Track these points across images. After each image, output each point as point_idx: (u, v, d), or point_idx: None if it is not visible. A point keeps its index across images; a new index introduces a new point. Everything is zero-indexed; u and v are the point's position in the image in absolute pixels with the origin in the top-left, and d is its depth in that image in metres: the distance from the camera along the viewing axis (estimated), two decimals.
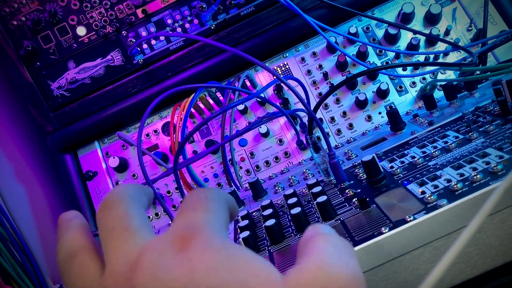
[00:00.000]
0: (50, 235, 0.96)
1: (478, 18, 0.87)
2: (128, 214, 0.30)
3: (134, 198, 0.32)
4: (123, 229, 0.29)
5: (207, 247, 0.26)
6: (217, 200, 0.32)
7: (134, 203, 0.31)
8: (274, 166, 0.88)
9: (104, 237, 0.29)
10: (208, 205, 0.30)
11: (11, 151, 0.95)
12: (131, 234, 0.29)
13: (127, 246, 0.28)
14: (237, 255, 0.26)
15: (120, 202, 0.31)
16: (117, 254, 0.28)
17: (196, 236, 0.27)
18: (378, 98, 0.88)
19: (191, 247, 0.26)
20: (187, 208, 0.30)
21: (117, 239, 0.28)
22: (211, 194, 0.32)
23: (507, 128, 0.53)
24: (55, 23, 0.90)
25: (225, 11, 0.90)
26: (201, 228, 0.28)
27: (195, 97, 0.81)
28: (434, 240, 0.44)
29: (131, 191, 0.32)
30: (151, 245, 0.27)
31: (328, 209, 0.52)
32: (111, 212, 0.30)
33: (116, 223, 0.29)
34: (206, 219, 0.29)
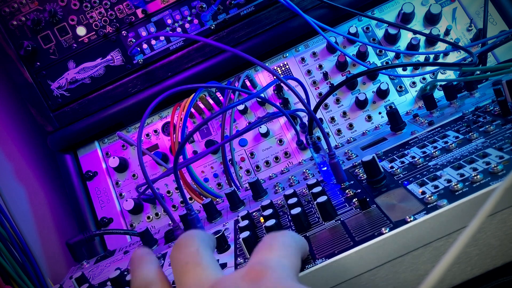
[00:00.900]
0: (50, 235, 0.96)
1: (478, 18, 0.87)
2: (199, 252, 0.33)
3: (204, 240, 0.35)
4: (196, 264, 0.32)
5: (276, 283, 0.29)
6: (293, 246, 0.35)
7: (204, 244, 0.35)
8: (274, 166, 0.88)
9: (177, 271, 0.32)
10: (284, 248, 0.34)
11: (11, 151, 0.95)
12: (203, 269, 0.32)
13: (200, 279, 0.31)
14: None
15: (193, 242, 0.34)
16: (190, 283, 0.31)
17: (268, 273, 0.29)
18: (378, 98, 0.88)
19: (262, 281, 0.29)
20: (263, 249, 0.33)
21: (190, 273, 0.31)
22: (288, 239, 0.35)
23: (507, 128, 0.53)
24: (55, 23, 0.90)
25: (225, 11, 0.90)
26: (274, 267, 0.30)
27: (195, 97, 0.81)
28: (434, 240, 0.44)
29: (201, 234, 0.36)
30: (224, 278, 0.30)
31: (328, 209, 0.52)
32: (184, 250, 0.33)
33: (189, 259, 0.33)
34: (280, 261, 0.32)
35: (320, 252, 0.46)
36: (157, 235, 0.74)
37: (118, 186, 0.93)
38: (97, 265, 0.74)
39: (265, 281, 0.28)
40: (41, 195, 0.98)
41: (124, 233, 0.84)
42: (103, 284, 0.64)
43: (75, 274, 0.63)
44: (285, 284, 0.29)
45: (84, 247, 0.79)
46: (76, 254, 0.77)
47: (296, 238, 0.37)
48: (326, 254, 0.45)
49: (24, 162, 0.98)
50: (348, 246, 0.45)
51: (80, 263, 0.76)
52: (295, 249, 0.35)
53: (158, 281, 0.33)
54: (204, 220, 0.70)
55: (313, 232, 0.51)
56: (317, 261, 0.45)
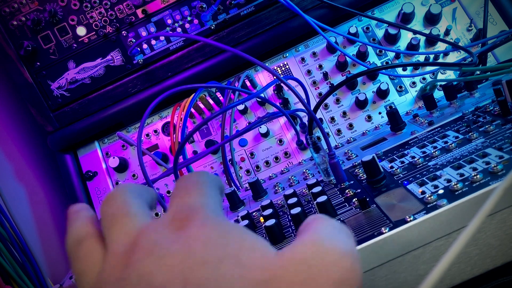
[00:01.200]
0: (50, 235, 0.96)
1: (478, 18, 0.87)
2: (127, 202, 0.31)
3: (134, 191, 0.33)
4: (123, 215, 0.30)
5: (203, 225, 0.27)
6: (209, 182, 0.33)
7: (133, 194, 0.33)
8: (274, 166, 0.88)
9: (105, 224, 0.31)
10: (202, 187, 0.32)
11: (11, 151, 0.95)
12: (130, 218, 0.30)
13: (126, 228, 0.29)
14: (232, 231, 0.27)
15: (121, 194, 0.32)
16: (117, 236, 0.29)
17: (193, 217, 0.28)
18: (378, 98, 0.88)
19: (187, 226, 0.27)
20: (181, 192, 0.31)
21: (117, 224, 0.30)
22: (202, 177, 0.33)
23: (507, 128, 0.53)
24: (55, 23, 0.90)
25: (225, 11, 0.90)
26: (198, 209, 0.29)
27: (195, 97, 0.81)
28: (434, 240, 0.44)
29: (132, 186, 0.34)
30: (149, 226, 0.29)
31: (328, 209, 0.52)
32: (111, 203, 0.32)
33: (116, 210, 0.31)
34: (202, 201, 0.30)
35: None
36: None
37: None
38: None
39: (192, 225, 0.27)
40: (41, 195, 0.98)
41: None
42: None
43: None
44: (212, 222, 0.27)
45: None
46: None
47: (209, 174, 0.35)
48: None
49: (24, 162, 0.98)
50: None
51: None
52: (211, 184, 0.33)
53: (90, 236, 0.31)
54: None
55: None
56: None
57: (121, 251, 0.28)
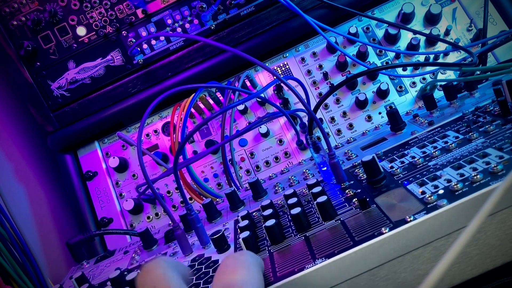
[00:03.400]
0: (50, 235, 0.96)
1: (478, 18, 0.87)
2: (166, 275, 0.33)
3: (171, 265, 0.35)
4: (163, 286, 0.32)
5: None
6: (253, 263, 0.36)
7: (171, 268, 0.35)
8: (274, 166, 0.88)
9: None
10: (245, 267, 0.35)
11: (11, 151, 0.95)
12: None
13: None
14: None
15: (159, 266, 0.34)
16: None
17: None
18: (378, 98, 0.88)
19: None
20: (226, 270, 0.34)
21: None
22: (248, 258, 0.36)
23: (507, 128, 0.53)
24: (55, 23, 0.90)
25: (225, 11, 0.90)
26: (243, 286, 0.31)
27: (195, 97, 0.81)
28: (434, 240, 0.44)
29: (170, 260, 0.37)
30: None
31: (328, 209, 0.52)
32: (151, 275, 0.34)
33: (156, 282, 0.33)
34: (245, 280, 0.33)
35: (320, 252, 0.46)
36: (157, 235, 0.74)
37: (118, 186, 0.93)
38: (97, 265, 0.74)
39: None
40: (41, 195, 0.98)
41: (124, 233, 0.84)
42: (103, 284, 0.64)
43: (75, 274, 0.63)
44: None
45: (84, 247, 0.79)
46: (76, 254, 0.77)
47: (253, 255, 0.37)
48: (326, 254, 0.45)
49: (24, 162, 0.98)
50: (348, 246, 0.45)
51: (80, 263, 0.76)
52: (256, 266, 0.36)
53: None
54: (204, 220, 0.70)
55: (313, 232, 0.51)
56: (317, 261, 0.45)
57: None
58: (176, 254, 0.63)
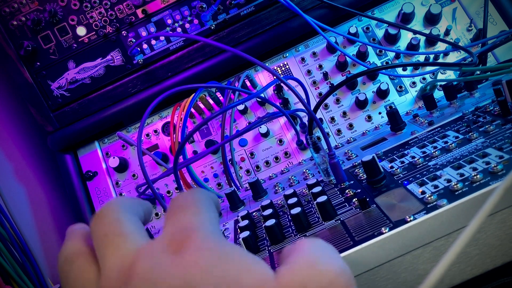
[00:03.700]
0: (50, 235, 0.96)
1: (478, 18, 0.87)
2: (119, 221, 0.30)
3: (126, 207, 0.32)
4: (115, 234, 0.29)
5: (200, 248, 0.27)
6: (205, 200, 0.32)
7: (126, 211, 0.31)
8: (274, 166, 0.88)
9: (97, 244, 0.30)
10: (197, 206, 0.31)
11: (11, 151, 0.95)
12: (124, 239, 0.29)
13: (120, 251, 0.28)
14: (230, 254, 0.27)
15: (112, 211, 0.31)
16: (111, 259, 0.28)
17: (189, 238, 0.27)
18: (378, 98, 0.88)
19: (185, 250, 0.27)
20: (176, 211, 0.30)
21: (110, 245, 0.29)
22: (198, 195, 0.32)
23: (507, 128, 0.53)
24: (55, 23, 0.90)
25: (225, 11, 0.90)
26: (194, 229, 0.28)
27: (195, 97, 0.81)
28: (434, 240, 0.44)
29: (124, 201, 0.33)
30: (145, 250, 0.28)
31: (328, 209, 0.52)
32: (103, 220, 0.30)
33: (108, 229, 0.30)
34: (198, 220, 0.29)
35: None
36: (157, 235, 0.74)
37: (118, 186, 0.93)
38: None
39: (188, 248, 0.27)
40: (41, 195, 0.98)
41: None
42: None
43: None
44: (209, 245, 0.27)
45: None
46: None
47: (203, 191, 0.33)
48: None
49: (24, 162, 0.98)
50: (348, 246, 0.45)
51: None
52: (206, 201, 0.32)
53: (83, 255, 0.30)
54: None
55: (313, 232, 0.51)
56: None
57: (116, 276, 0.27)
58: None
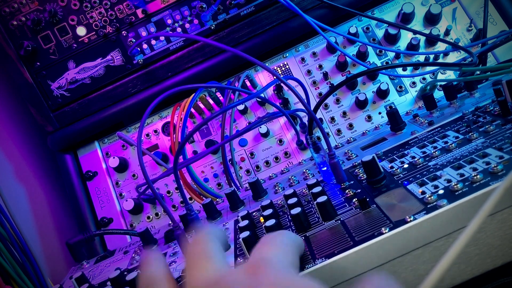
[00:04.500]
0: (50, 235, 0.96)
1: (478, 18, 0.87)
2: (213, 248, 0.37)
3: (215, 235, 0.39)
4: (206, 258, 0.36)
5: (274, 274, 0.32)
6: (289, 244, 0.39)
7: (215, 238, 0.39)
8: (274, 166, 0.88)
9: (188, 263, 0.36)
10: (281, 245, 0.38)
11: (11, 151, 0.95)
12: (212, 263, 0.35)
13: (207, 271, 0.34)
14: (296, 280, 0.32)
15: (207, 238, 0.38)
16: (198, 273, 0.34)
17: (266, 267, 0.33)
18: (378, 98, 0.88)
19: (260, 273, 0.32)
20: (263, 246, 0.37)
21: (200, 264, 0.35)
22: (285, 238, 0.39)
23: (507, 128, 0.53)
24: (55, 23, 0.90)
25: (225, 11, 0.90)
26: (272, 261, 0.34)
27: (195, 97, 0.81)
28: (434, 240, 0.44)
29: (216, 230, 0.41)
30: (228, 273, 0.34)
31: (328, 209, 0.52)
32: (199, 245, 0.37)
33: (199, 252, 0.36)
34: (277, 256, 0.35)
35: (320, 252, 0.46)
36: (157, 235, 0.74)
37: (118, 186, 0.93)
38: (97, 265, 0.74)
39: (264, 274, 0.31)
40: (41, 195, 0.98)
41: (124, 233, 0.84)
42: (103, 284, 0.64)
43: (75, 274, 0.63)
44: (283, 276, 0.32)
45: (84, 247, 0.79)
46: (76, 254, 0.77)
47: (292, 236, 0.41)
48: (326, 254, 0.45)
49: (24, 162, 0.98)
50: (348, 246, 0.45)
51: (80, 263, 0.76)
52: (292, 246, 0.38)
53: (164, 279, 0.36)
54: (204, 220, 0.70)
55: (313, 232, 0.51)
56: (317, 261, 0.45)
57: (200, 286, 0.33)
58: (176, 254, 0.63)
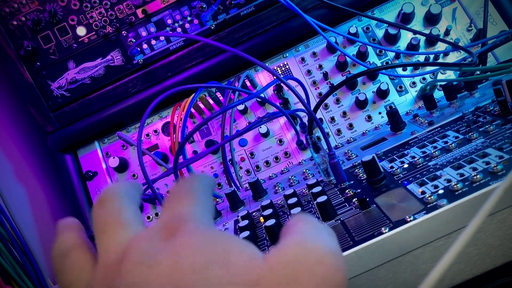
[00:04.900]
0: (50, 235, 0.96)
1: (478, 18, 0.87)
2: (120, 209, 0.31)
3: (126, 194, 0.33)
4: (115, 222, 0.30)
5: (191, 233, 0.28)
6: (201, 189, 0.33)
7: (126, 198, 0.33)
8: (274, 166, 0.88)
9: (97, 231, 0.31)
10: (192, 196, 0.32)
11: (11, 151, 0.95)
12: (122, 227, 0.30)
13: (117, 238, 0.29)
14: (219, 237, 0.28)
15: (113, 198, 0.32)
16: (108, 245, 0.29)
17: (181, 225, 0.28)
18: (378, 98, 0.88)
19: (176, 235, 0.28)
20: (173, 201, 0.32)
21: (109, 232, 0.30)
22: (194, 184, 0.33)
23: (507, 128, 0.53)
24: (55, 23, 0.90)
25: (225, 11, 0.90)
26: (186, 218, 0.29)
27: (195, 97, 0.81)
28: (434, 240, 0.44)
29: (124, 188, 0.34)
30: (139, 236, 0.29)
31: (328, 209, 0.52)
32: (104, 209, 0.31)
33: (108, 217, 0.31)
34: (191, 210, 0.30)
35: None
36: None
37: None
38: None
39: (180, 234, 0.27)
40: (41, 195, 0.98)
41: None
42: None
43: None
44: (199, 230, 0.28)
45: None
46: None
47: (202, 178, 0.35)
48: None
49: (24, 162, 0.98)
50: (347, 246, 0.45)
51: None
52: (203, 190, 0.33)
53: (77, 246, 0.31)
54: None
55: None
56: None
57: (111, 261, 0.28)
58: None
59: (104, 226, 0.30)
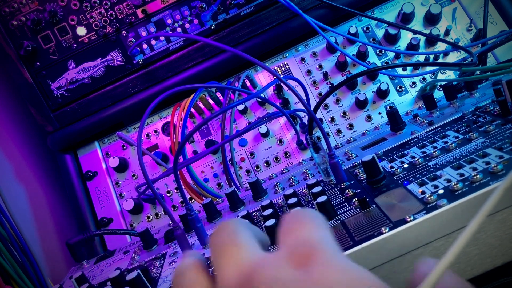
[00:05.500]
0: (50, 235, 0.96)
1: (478, 18, 0.87)
2: (236, 232, 0.31)
3: (242, 223, 0.33)
4: (232, 244, 0.30)
5: (328, 264, 0.26)
6: (320, 216, 0.32)
7: (242, 225, 0.32)
8: (274, 166, 0.88)
9: (214, 254, 0.30)
10: (316, 221, 0.30)
11: (11, 151, 0.95)
12: (240, 248, 0.29)
13: (237, 259, 0.28)
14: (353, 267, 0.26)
15: (229, 224, 0.32)
16: (228, 267, 0.28)
17: (316, 254, 0.27)
18: (378, 98, 0.88)
19: (311, 263, 0.26)
20: (294, 226, 0.30)
21: (227, 254, 0.29)
22: (313, 212, 0.32)
23: (507, 128, 0.53)
24: (55, 23, 0.90)
25: (225, 11, 0.90)
26: (318, 245, 0.27)
27: (195, 97, 0.81)
28: (434, 240, 0.44)
29: (239, 219, 0.34)
30: (266, 260, 0.28)
31: (328, 209, 0.52)
32: (220, 233, 0.31)
33: (225, 240, 0.30)
34: (320, 235, 0.29)
35: None
36: (157, 235, 0.74)
37: (118, 186, 0.93)
38: (97, 265, 0.74)
39: (315, 262, 0.26)
40: (41, 195, 0.98)
41: (124, 233, 0.84)
42: (103, 284, 0.64)
43: (75, 274, 0.63)
44: (337, 262, 0.26)
45: (84, 247, 0.79)
46: (76, 254, 0.77)
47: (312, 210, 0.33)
48: None
49: (24, 162, 0.98)
50: (347, 246, 0.45)
51: (80, 263, 0.76)
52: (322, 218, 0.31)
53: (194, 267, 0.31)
54: (204, 220, 0.70)
55: None
56: None
57: (233, 284, 0.27)
58: (176, 254, 0.63)
59: (221, 249, 0.30)
